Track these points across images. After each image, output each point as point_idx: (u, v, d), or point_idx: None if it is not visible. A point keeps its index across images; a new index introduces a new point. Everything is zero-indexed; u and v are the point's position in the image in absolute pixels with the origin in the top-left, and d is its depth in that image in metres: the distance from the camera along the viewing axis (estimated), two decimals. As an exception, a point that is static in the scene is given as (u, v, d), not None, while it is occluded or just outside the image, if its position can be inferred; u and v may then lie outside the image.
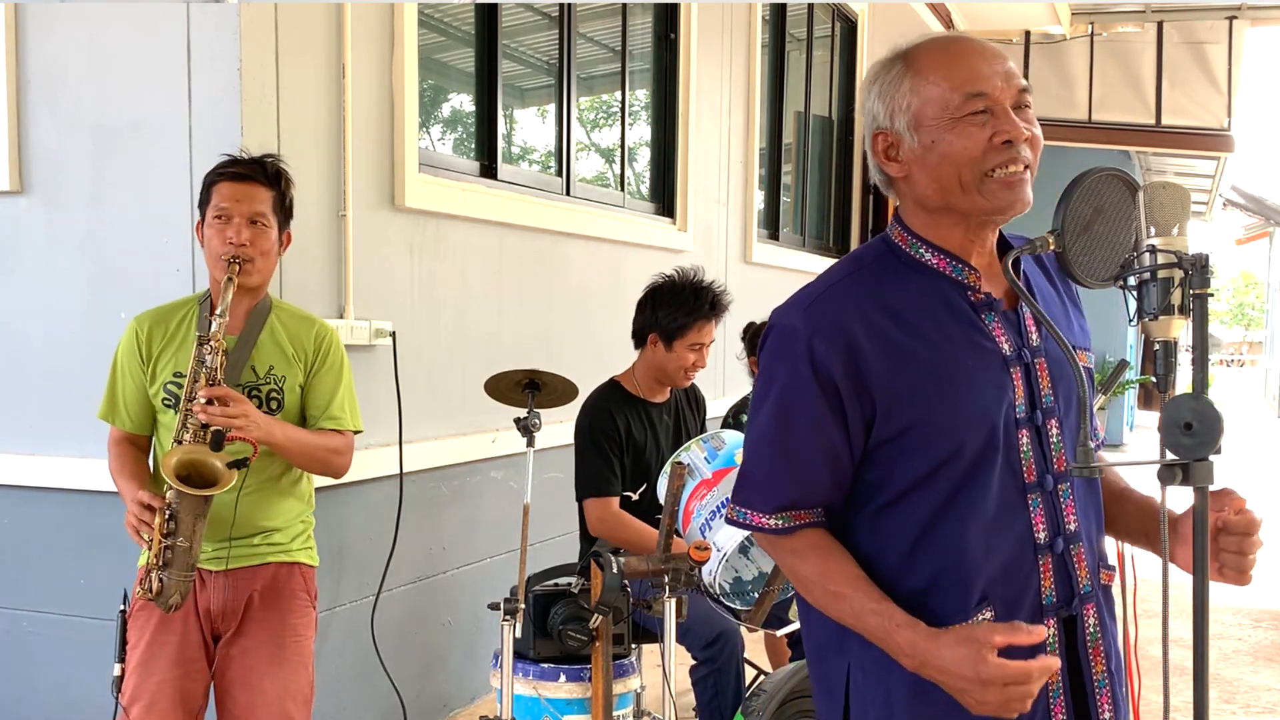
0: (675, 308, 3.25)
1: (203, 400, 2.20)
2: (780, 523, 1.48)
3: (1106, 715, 1.49)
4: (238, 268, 2.30)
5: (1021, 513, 1.44)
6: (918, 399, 1.40)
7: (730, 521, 1.54)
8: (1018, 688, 1.28)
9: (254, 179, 2.39)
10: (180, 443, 2.24)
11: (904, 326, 1.43)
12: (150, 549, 2.21)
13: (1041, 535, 1.44)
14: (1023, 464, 1.44)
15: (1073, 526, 1.47)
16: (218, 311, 2.27)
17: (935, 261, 1.47)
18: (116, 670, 2.38)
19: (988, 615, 1.42)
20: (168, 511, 2.21)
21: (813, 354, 1.42)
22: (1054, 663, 1.32)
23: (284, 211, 2.45)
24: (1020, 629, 1.31)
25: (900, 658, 1.38)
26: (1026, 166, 1.40)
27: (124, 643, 2.39)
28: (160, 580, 2.21)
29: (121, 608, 2.39)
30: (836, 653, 1.52)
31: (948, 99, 1.39)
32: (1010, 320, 1.47)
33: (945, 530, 1.42)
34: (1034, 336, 1.48)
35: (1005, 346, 1.45)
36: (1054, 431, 1.46)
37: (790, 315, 1.47)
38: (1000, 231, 1.52)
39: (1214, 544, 1.39)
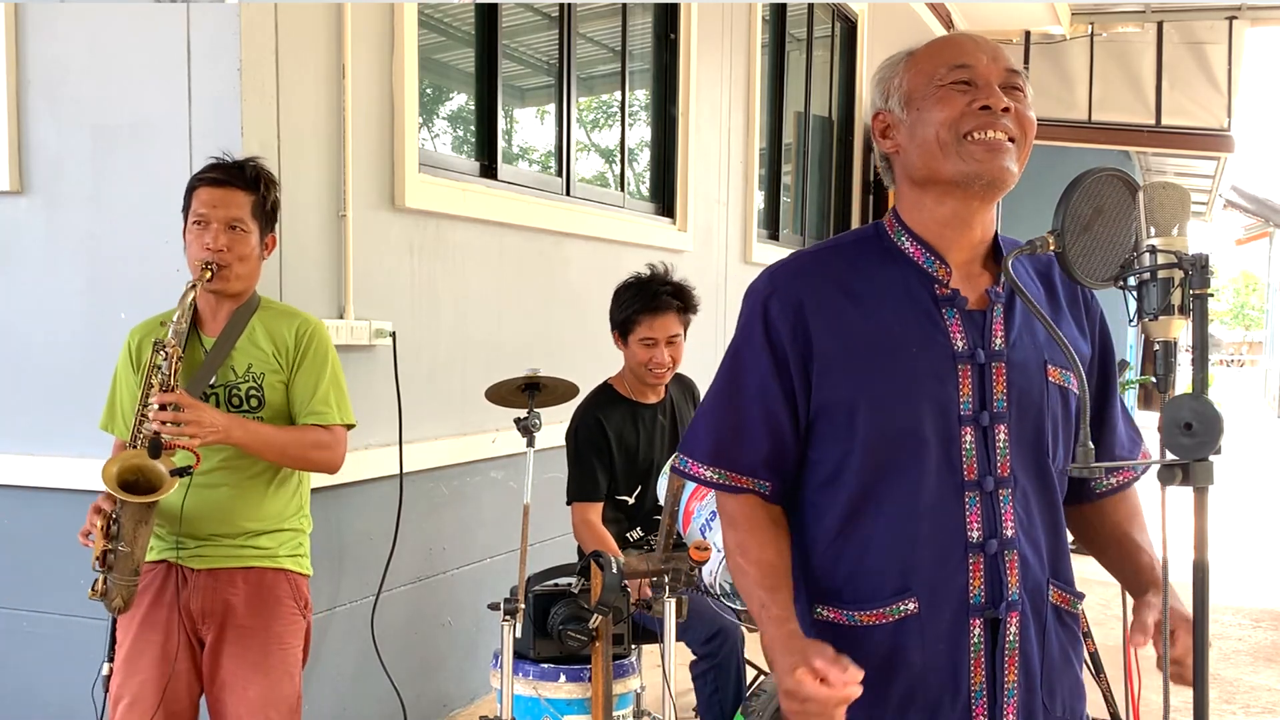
0: (623, 303, 3.24)
1: (155, 407, 2.18)
2: (716, 476, 1.54)
3: None
4: (209, 274, 2.30)
5: (955, 509, 1.46)
6: (851, 374, 1.47)
7: (673, 469, 1.61)
8: (815, 706, 1.34)
9: (232, 184, 2.36)
10: (135, 448, 2.24)
11: (858, 306, 1.49)
12: (94, 552, 2.22)
13: (974, 534, 1.46)
14: (964, 461, 1.47)
15: (1009, 532, 1.47)
16: (174, 317, 2.27)
17: (911, 250, 1.52)
18: (105, 669, 2.39)
19: (910, 606, 1.46)
20: (113, 515, 2.22)
21: (767, 312, 1.50)
22: (853, 691, 1.35)
23: (265, 216, 2.42)
24: (841, 665, 1.35)
25: (762, 647, 1.47)
26: (1011, 138, 1.43)
27: (113, 641, 2.40)
28: (105, 583, 2.22)
29: None
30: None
31: (934, 71, 1.47)
32: (974, 321, 1.49)
33: (868, 515, 1.48)
34: (998, 341, 1.49)
35: (958, 343, 1.48)
36: (1001, 436, 1.48)
37: (760, 277, 1.56)
38: (998, 237, 1.54)
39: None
